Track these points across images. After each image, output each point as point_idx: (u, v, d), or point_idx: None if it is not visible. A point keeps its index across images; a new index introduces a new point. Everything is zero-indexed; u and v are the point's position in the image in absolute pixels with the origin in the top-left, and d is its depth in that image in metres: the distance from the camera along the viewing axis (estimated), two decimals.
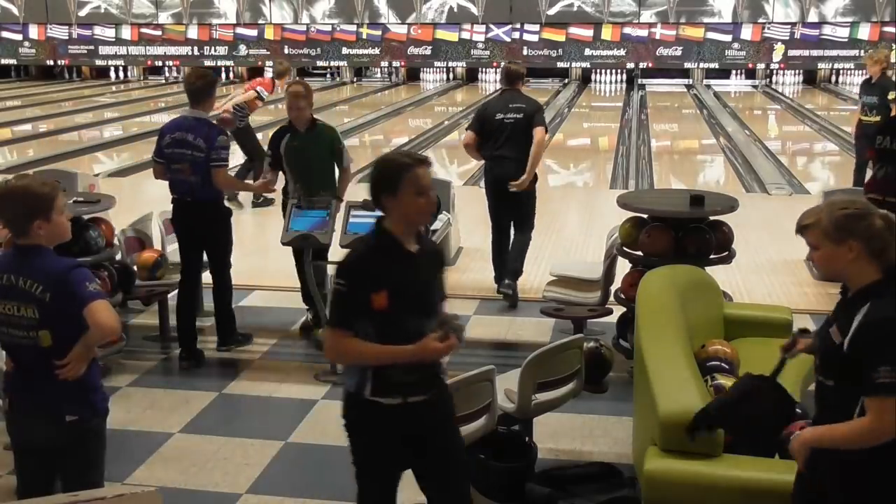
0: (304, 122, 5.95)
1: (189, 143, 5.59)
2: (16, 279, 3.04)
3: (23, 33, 26.54)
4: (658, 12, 23.67)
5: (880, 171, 5.64)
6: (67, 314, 3.02)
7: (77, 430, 3.13)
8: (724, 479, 3.24)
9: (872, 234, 2.58)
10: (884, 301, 2.53)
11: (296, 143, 5.93)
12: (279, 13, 25.28)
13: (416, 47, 24.74)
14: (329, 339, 3.10)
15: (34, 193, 3.08)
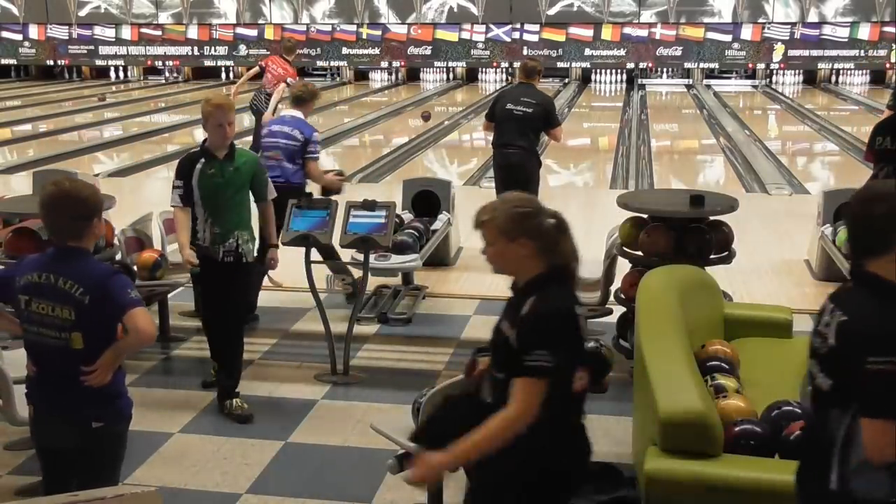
0: (225, 146, 4.91)
1: (286, 133, 6.40)
2: (55, 279, 3.06)
3: (23, 33, 26.54)
4: (658, 12, 23.68)
5: (881, 171, 5.63)
6: (102, 318, 3.07)
7: (101, 435, 3.16)
8: (724, 479, 3.24)
9: (543, 232, 2.72)
10: (546, 293, 2.68)
11: (212, 170, 4.88)
12: (279, 13, 25.28)
13: (416, 47, 24.74)
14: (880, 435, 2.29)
15: (85, 196, 3.12)
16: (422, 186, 7.80)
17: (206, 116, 4.85)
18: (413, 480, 2.81)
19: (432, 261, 7.27)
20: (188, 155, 5.06)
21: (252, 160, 5.08)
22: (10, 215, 5.98)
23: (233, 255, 4.94)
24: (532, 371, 2.59)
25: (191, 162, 4.96)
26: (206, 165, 4.90)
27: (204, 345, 6.09)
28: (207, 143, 4.93)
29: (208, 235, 4.92)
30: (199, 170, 4.90)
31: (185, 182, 4.94)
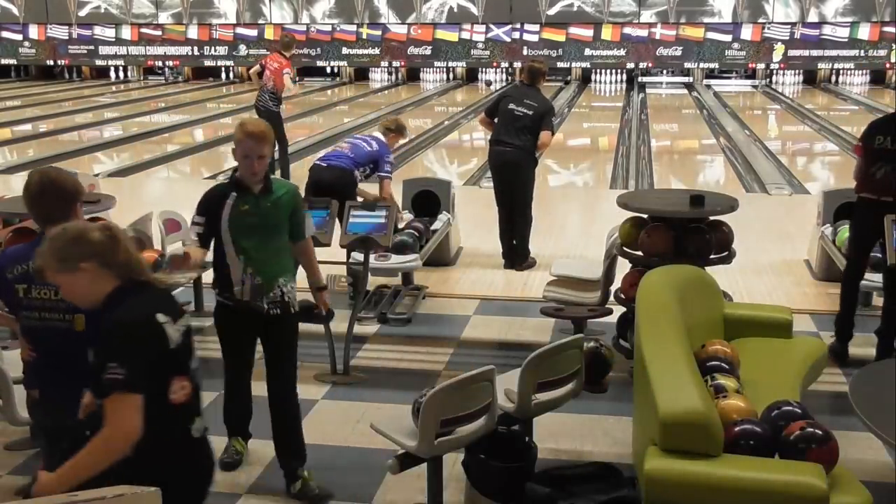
0: (257, 180, 4.10)
1: (365, 138, 6.84)
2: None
3: (23, 33, 26.54)
4: (658, 12, 23.67)
5: (879, 170, 5.63)
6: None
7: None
8: (724, 479, 3.24)
9: (98, 249, 2.66)
10: (120, 306, 2.64)
11: (246, 207, 4.09)
12: (279, 13, 25.28)
13: (416, 47, 24.74)
14: None
15: (70, 183, 3.35)
16: (422, 186, 7.80)
17: (235, 142, 4.03)
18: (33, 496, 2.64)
19: (432, 261, 7.28)
20: (216, 187, 4.20)
21: (291, 192, 4.19)
22: (10, 215, 5.98)
23: (279, 305, 4.16)
24: (108, 387, 2.54)
25: (219, 196, 4.09)
26: (239, 200, 4.04)
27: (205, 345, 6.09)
28: (239, 174, 4.09)
29: (249, 288, 4.09)
30: (230, 205, 4.05)
31: (209, 220, 4.10)
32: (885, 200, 5.59)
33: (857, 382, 3.66)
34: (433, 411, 3.63)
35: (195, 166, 13.74)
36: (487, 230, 8.82)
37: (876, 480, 4.04)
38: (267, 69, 11.24)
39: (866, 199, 5.72)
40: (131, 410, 2.56)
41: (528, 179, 7.56)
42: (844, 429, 4.23)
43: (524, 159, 7.47)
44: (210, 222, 4.09)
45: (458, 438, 3.75)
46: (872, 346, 5.95)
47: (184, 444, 2.75)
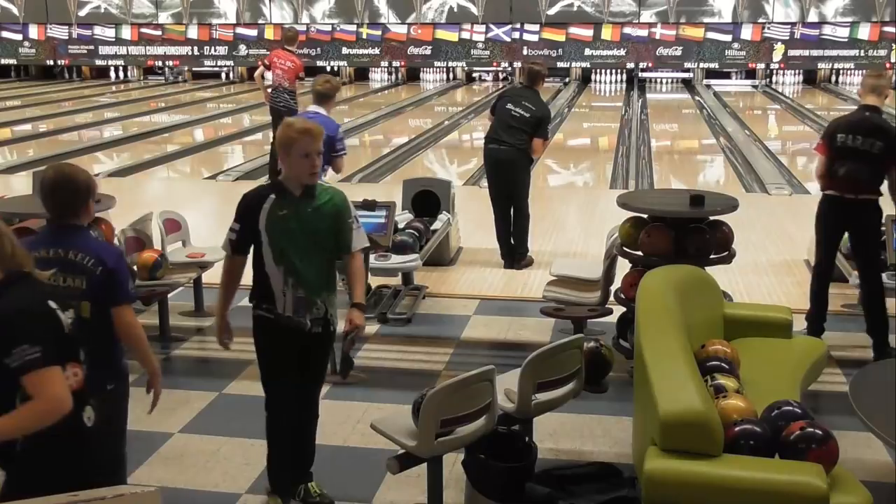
0: (313, 181, 3.86)
1: None
2: (65, 252, 3.31)
3: (23, 33, 26.54)
4: (658, 12, 23.68)
5: (841, 168, 5.71)
6: (107, 292, 3.33)
7: (115, 396, 3.52)
8: (724, 479, 3.24)
9: None
10: (8, 296, 2.73)
11: (284, 211, 3.82)
12: (279, 13, 25.28)
13: (416, 47, 24.74)
14: None
15: (83, 179, 3.43)
16: (422, 186, 7.80)
17: (287, 144, 3.76)
18: None
19: (432, 261, 7.28)
20: (254, 190, 3.90)
21: (336, 200, 3.89)
22: (10, 215, 5.97)
23: (321, 323, 3.94)
24: (26, 367, 2.65)
25: (257, 199, 3.82)
26: (277, 204, 3.77)
27: (205, 345, 6.11)
28: (283, 177, 3.85)
29: (291, 301, 3.84)
30: (268, 209, 3.77)
31: (247, 225, 3.83)
32: (849, 198, 5.73)
33: (857, 382, 3.67)
34: (433, 411, 3.63)
35: (195, 166, 13.74)
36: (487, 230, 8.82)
37: (876, 480, 4.04)
38: (278, 68, 10.84)
39: (830, 196, 5.85)
40: (58, 381, 2.70)
41: (523, 177, 7.61)
42: (844, 429, 4.23)
43: (518, 158, 7.48)
44: (248, 229, 3.82)
45: (458, 438, 3.76)
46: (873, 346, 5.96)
47: (76, 431, 2.84)
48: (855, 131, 5.74)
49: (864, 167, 5.69)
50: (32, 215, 5.72)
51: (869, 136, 5.69)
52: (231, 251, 3.90)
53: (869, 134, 5.70)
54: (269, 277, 3.84)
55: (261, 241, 3.81)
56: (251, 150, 14.67)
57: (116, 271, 3.33)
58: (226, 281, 3.99)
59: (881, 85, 5.88)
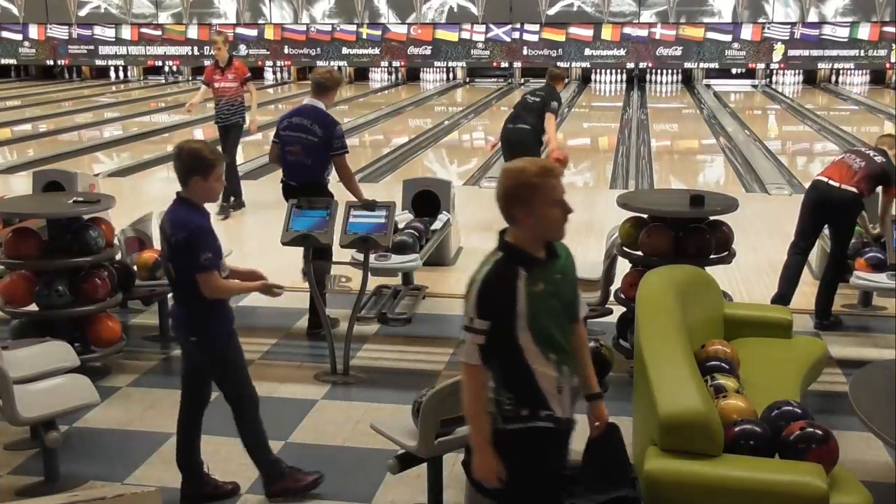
0: (559, 237, 3.01)
1: (305, 127, 6.08)
2: (164, 220, 3.91)
3: (23, 33, 26.54)
4: (658, 12, 23.68)
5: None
6: (184, 260, 3.84)
7: (200, 347, 3.98)
8: (724, 479, 3.24)
9: None
10: None
11: (541, 286, 2.88)
12: (279, 13, 25.29)
13: (416, 47, 24.74)
14: None
15: (200, 155, 3.86)
16: (422, 186, 7.80)
17: (525, 191, 2.84)
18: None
19: (432, 261, 7.27)
20: (492, 270, 2.87)
21: (567, 250, 3.06)
22: (10, 215, 5.98)
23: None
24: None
25: (507, 280, 2.84)
26: (531, 279, 2.85)
27: None
28: (517, 239, 2.90)
29: (567, 397, 2.99)
30: (524, 289, 2.83)
31: (499, 320, 2.84)
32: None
33: (857, 382, 3.67)
34: (433, 411, 3.63)
35: None
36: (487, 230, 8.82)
37: (876, 480, 4.04)
38: (216, 83, 9.69)
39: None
40: None
41: (533, 154, 8.18)
42: (844, 429, 4.23)
43: (528, 137, 8.52)
44: (500, 324, 2.84)
45: (458, 438, 3.75)
46: (873, 346, 5.97)
47: None
48: None
49: None
50: (32, 215, 5.73)
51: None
52: (479, 359, 2.86)
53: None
54: (533, 374, 2.88)
55: (516, 332, 2.84)
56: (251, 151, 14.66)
57: (184, 243, 3.79)
58: (475, 399, 2.89)
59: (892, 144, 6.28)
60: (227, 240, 7.71)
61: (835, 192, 6.05)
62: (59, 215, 5.47)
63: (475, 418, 2.90)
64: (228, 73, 9.70)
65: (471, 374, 2.88)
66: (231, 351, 4.03)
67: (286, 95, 22.79)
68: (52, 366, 4.50)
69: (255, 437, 4.12)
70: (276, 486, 4.13)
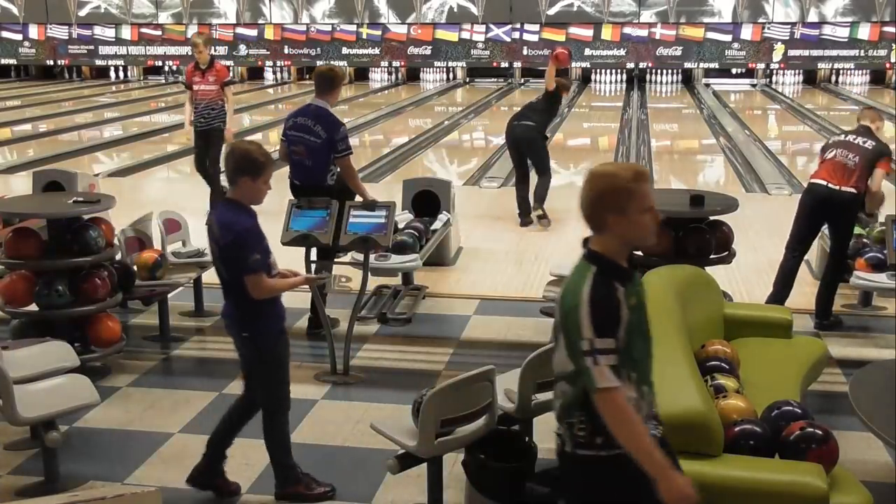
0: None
1: (309, 128, 6.04)
2: (213, 221, 3.97)
3: (23, 33, 26.54)
4: (658, 12, 23.68)
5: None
6: (232, 261, 3.90)
7: (247, 345, 4.05)
8: (724, 479, 3.24)
9: None
10: None
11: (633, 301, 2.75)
12: (279, 13, 25.29)
13: (416, 47, 24.74)
14: None
15: (251, 156, 3.90)
16: (422, 186, 7.80)
17: (617, 197, 2.77)
18: None
19: (432, 261, 7.27)
20: (598, 285, 2.69)
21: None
22: (10, 215, 5.98)
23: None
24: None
25: (614, 294, 2.69)
26: (627, 293, 2.72)
27: (205, 345, 6.11)
28: (605, 250, 2.78)
29: (646, 418, 2.79)
30: (626, 304, 2.70)
31: (617, 337, 2.66)
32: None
33: (857, 382, 3.67)
34: (433, 411, 3.63)
35: None
36: (487, 230, 8.83)
37: (876, 480, 4.04)
38: (195, 85, 9.58)
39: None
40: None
41: (537, 149, 8.96)
42: (844, 429, 4.23)
43: (534, 134, 8.91)
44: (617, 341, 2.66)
45: (458, 438, 3.76)
46: (872, 346, 5.97)
47: None
48: None
49: None
50: (32, 215, 5.73)
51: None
52: (617, 378, 2.62)
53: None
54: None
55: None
56: None
57: (232, 245, 3.85)
58: (633, 420, 2.65)
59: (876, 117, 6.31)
60: None
61: (835, 195, 6.00)
62: (59, 215, 5.47)
63: (643, 440, 2.62)
64: (209, 76, 9.46)
65: (617, 398, 2.60)
66: (280, 347, 4.10)
67: (286, 95, 22.80)
68: (52, 366, 4.50)
69: (280, 439, 4.13)
70: (288, 489, 4.13)
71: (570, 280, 2.73)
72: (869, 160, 5.97)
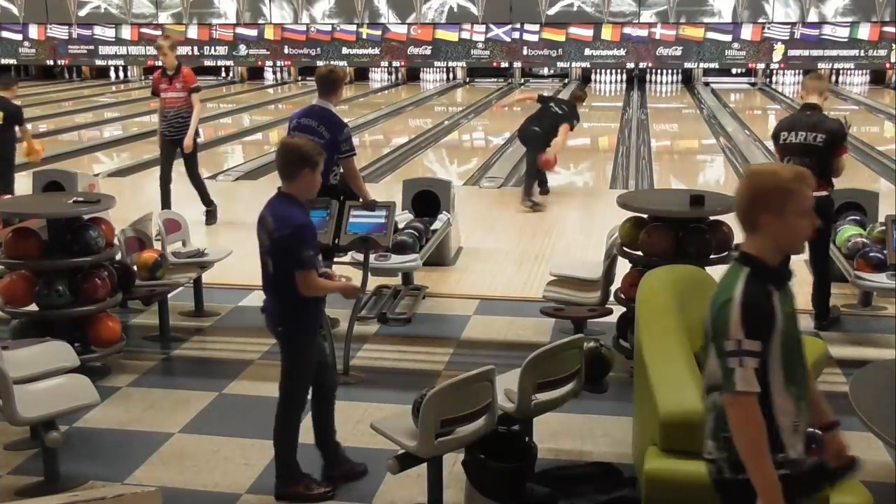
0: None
1: (313, 129, 6.05)
2: (265, 214, 4.01)
3: (23, 33, 26.53)
4: (658, 12, 23.67)
5: (788, 164, 5.83)
6: (283, 255, 3.94)
7: (282, 337, 4.15)
8: None
9: None
10: None
11: (787, 307, 2.66)
12: (279, 13, 25.28)
13: (416, 47, 24.73)
14: None
15: (304, 149, 4.01)
16: (422, 186, 7.80)
17: (774, 193, 2.59)
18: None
19: (432, 261, 7.27)
20: (751, 286, 2.59)
21: None
22: (10, 215, 5.98)
23: None
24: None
25: (766, 295, 2.59)
26: (782, 299, 2.61)
27: (205, 345, 6.12)
28: (758, 252, 2.63)
29: (802, 438, 2.67)
30: (781, 309, 2.59)
31: (765, 341, 2.54)
32: None
33: (857, 382, 3.66)
34: (433, 411, 3.63)
35: None
36: (487, 230, 8.83)
37: (876, 480, 4.04)
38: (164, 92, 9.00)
39: None
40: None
41: (534, 150, 9.91)
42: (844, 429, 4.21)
43: (537, 139, 9.90)
44: (765, 342, 2.54)
45: (458, 438, 3.76)
46: (872, 346, 5.97)
47: None
48: (794, 128, 6.08)
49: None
50: (32, 215, 5.73)
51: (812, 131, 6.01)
52: (758, 385, 2.52)
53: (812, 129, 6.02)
54: (772, 408, 2.59)
55: (769, 359, 2.56)
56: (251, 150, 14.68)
57: (290, 240, 3.88)
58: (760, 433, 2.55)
59: (823, 87, 6.27)
60: (226, 241, 7.73)
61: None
62: (59, 215, 5.47)
63: (763, 455, 2.52)
64: (176, 82, 8.86)
65: (752, 404, 2.50)
66: (311, 347, 4.17)
67: (286, 95, 22.80)
68: (52, 366, 4.50)
69: (289, 437, 4.15)
70: (288, 489, 4.13)
71: (721, 282, 2.69)
72: (828, 156, 5.96)
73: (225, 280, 7.02)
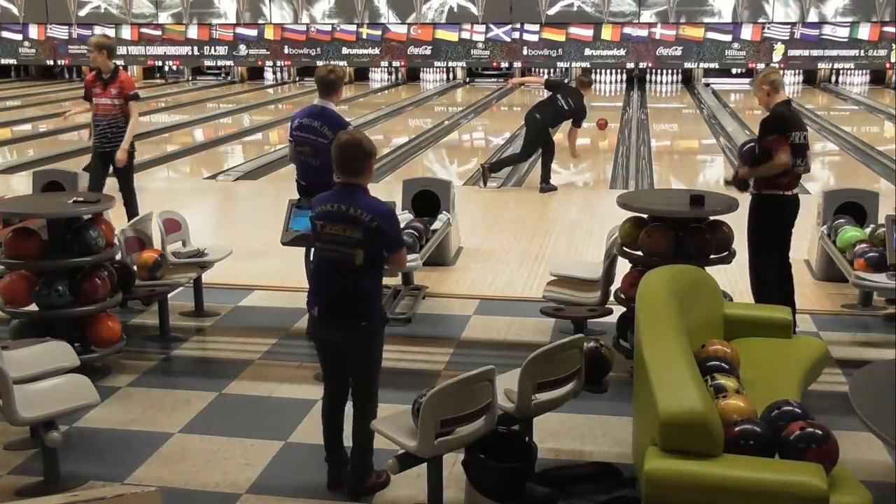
0: None
1: (316, 129, 6.04)
2: (346, 208, 3.99)
3: (23, 33, 26.53)
4: (658, 12, 23.67)
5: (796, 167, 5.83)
6: (378, 243, 3.99)
7: (366, 333, 4.05)
8: (724, 479, 3.24)
9: None
10: None
11: None
12: (279, 13, 25.28)
13: (416, 47, 24.74)
14: None
15: (362, 143, 4.06)
16: (422, 186, 7.80)
17: None
18: None
19: (432, 261, 7.28)
20: None
21: None
22: (10, 215, 5.98)
23: None
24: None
25: None
26: None
27: (205, 345, 6.12)
28: None
29: None
30: None
31: None
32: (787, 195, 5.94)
33: (857, 382, 3.67)
34: (433, 411, 3.63)
35: (195, 166, 13.74)
36: (487, 230, 8.83)
37: (876, 480, 4.04)
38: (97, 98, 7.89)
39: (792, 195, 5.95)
40: None
41: (543, 135, 10.74)
42: (844, 429, 4.22)
43: (535, 125, 10.65)
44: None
45: (458, 438, 3.76)
46: (872, 346, 5.97)
47: None
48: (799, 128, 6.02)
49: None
50: (32, 215, 5.72)
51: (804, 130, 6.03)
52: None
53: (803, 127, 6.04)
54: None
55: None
56: (251, 150, 14.68)
57: (387, 225, 3.98)
58: None
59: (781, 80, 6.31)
60: (226, 241, 7.73)
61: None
62: (59, 215, 5.47)
63: None
64: (111, 88, 7.77)
65: None
66: (383, 336, 4.19)
67: (286, 95, 22.81)
68: (52, 366, 4.50)
69: (371, 431, 4.11)
70: (367, 484, 4.17)
71: None
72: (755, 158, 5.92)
73: (224, 280, 7.03)
